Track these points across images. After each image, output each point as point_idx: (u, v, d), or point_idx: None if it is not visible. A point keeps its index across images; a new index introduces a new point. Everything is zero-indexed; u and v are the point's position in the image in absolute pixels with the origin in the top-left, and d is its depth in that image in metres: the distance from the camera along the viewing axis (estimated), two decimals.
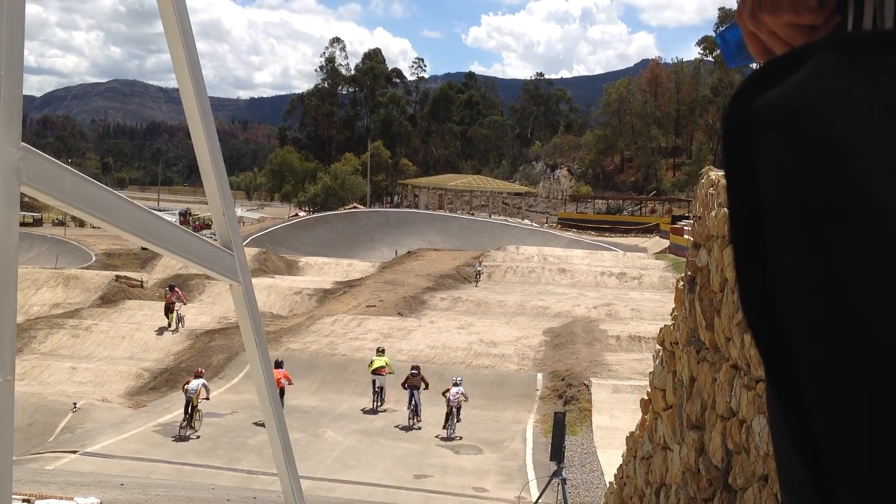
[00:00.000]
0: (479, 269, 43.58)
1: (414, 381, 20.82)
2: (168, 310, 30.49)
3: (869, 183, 0.49)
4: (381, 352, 23.12)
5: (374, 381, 22.02)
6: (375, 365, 22.15)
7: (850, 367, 0.48)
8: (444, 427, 20.01)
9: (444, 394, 20.14)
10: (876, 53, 0.53)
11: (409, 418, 20.77)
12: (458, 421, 20.03)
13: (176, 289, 31.75)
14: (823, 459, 0.50)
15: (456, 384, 20.23)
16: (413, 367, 21.62)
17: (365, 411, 21.81)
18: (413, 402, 20.70)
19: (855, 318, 0.48)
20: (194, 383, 19.56)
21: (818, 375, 0.50)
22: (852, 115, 0.51)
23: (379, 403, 22.00)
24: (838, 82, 0.53)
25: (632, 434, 8.41)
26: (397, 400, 21.59)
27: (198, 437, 19.05)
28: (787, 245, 0.53)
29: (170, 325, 30.16)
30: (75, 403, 21.07)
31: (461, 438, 19.72)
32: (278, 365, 21.02)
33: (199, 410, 19.49)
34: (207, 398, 19.88)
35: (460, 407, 20.06)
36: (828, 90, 0.52)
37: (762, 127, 0.55)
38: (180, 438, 18.95)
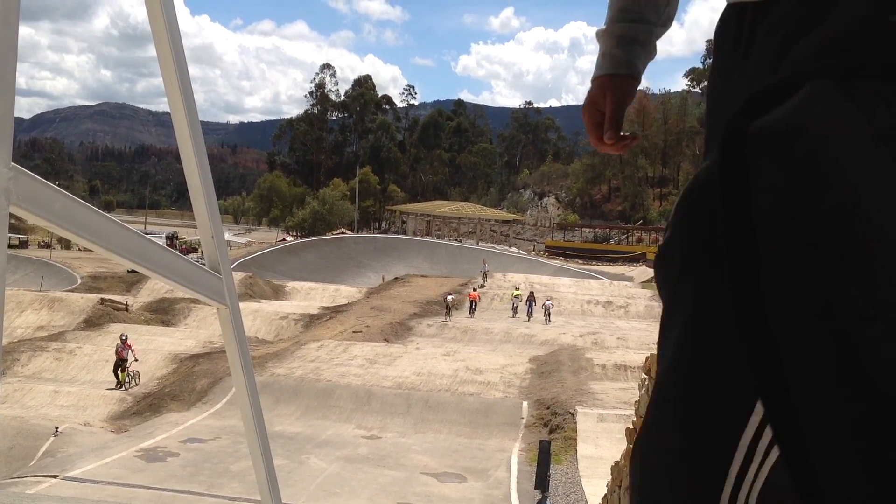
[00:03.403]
0: (484, 269, 47.85)
1: (531, 297, 38.75)
2: (118, 367, 26.56)
3: (860, 206, 0.49)
4: (518, 288, 42.25)
5: (513, 304, 40.48)
6: (515, 293, 40.85)
7: (844, 389, 0.49)
8: (545, 319, 37.45)
9: (542, 305, 37.80)
10: (868, 80, 0.54)
11: (528, 316, 38.26)
12: (550, 321, 37.09)
13: (127, 341, 27.14)
14: (816, 478, 0.50)
15: (549, 298, 38.91)
16: (531, 292, 39.95)
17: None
18: (530, 308, 38.43)
19: (849, 342, 0.49)
20: None
21: (812, 398, 0.51)
22: (844, 140, 0.51)
23: (514, 315, 39.73)
24: (831, 108, 0.53)
25: (617, 463, 8.36)
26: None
27: None
28: (780, 268, 0.53)
29: (120, 383, 26.38)
30: (57, 427, 20.86)
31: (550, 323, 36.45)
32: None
33: None
34: None
35: (550, 311, 37.73)
36: (821, 115, 0.53)
37: (756, 150, 0.56)
38: None
